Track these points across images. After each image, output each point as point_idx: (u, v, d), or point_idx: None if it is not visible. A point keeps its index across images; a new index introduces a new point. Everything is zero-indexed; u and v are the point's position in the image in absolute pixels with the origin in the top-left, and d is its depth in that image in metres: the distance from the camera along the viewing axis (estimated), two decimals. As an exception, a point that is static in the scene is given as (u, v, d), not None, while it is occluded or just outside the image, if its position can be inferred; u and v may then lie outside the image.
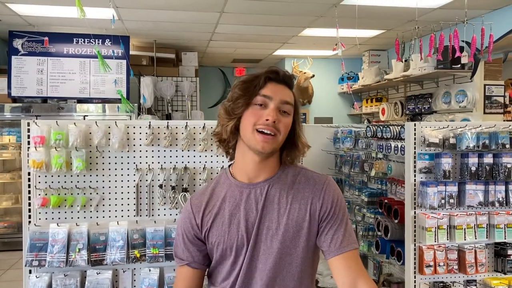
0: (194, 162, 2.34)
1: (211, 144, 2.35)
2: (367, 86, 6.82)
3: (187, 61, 6.74)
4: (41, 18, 5.30)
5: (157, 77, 6.36)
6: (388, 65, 6.81)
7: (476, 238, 2.73)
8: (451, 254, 2.74)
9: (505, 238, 2.74)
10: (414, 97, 5.92)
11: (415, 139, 2.78)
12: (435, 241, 2.69)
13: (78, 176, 2.23)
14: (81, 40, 5.78)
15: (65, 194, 2.21)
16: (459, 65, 4.89)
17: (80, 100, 5.84)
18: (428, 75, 5.35)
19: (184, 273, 1.42)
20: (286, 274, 1.35)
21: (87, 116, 5.69)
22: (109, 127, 2.23)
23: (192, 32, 6.05)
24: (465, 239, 2.72)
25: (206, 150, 2.34)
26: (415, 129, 2.78)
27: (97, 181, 2.25)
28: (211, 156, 2.35)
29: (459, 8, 4.31)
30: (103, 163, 2.26)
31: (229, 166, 1.47)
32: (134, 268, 2.29)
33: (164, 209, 2.31)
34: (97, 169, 2.25)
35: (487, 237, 2.76)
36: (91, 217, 2.25)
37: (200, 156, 2.34)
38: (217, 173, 2.35)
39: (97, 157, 2.25)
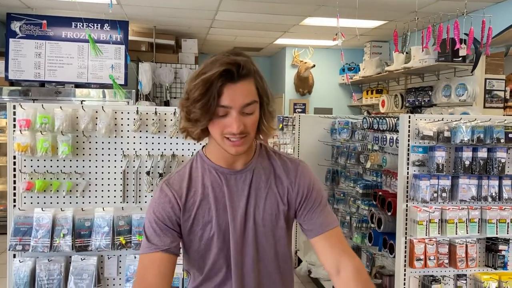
0: (183, 149, 2.31)
1: (200, 132, 2.31)
2: (368, 77, 6.76)
3: (187, 48, 6.69)
4: (40, 1, 5.25)
5: (156, 63, 6.31)
6: (390, 57, 6.74)
7: (467, 233, 2.70)
8: (442, 248, 2.71)
9: (496, 233, 2.71)
10: (414, 89, 5.85)
11: (409, 131, 2.74)
12: (426, 235, 2.66)
13: (64, 160, 2.20)
14: (80, 24, 5.73)
15: (51, 178, 2.19)
16: (460, 58, 4.82)
17: (78, 85, 5.81)
18: (429, 68, 5.29)
19: (158, 259, 1.31)
20: (269, 256, 1.37)
21: (85, 101, 5.66)
22: (96, 112, 2.20)
23: (192, 19, 5.99)
24: (456, 234, 2.69)
25: (195, 138, 2.30)
26: (409, 121, 2.74)
27: (83, 166, 2.23)
28: (200, 143, 2.31)
29: (461, 0, 4.23)
30: (89, 148, 2.23)
31: (202, 148, 1.42)
32: (120, 255, 2.27)
33: (151, 196, 2.28)
34: (83, 154, 2.22)
35: (478, 232, 2.73)
36: (76, 203, 2.23)
37: (188, 143, 2.31)
38: (206, 161, 2.32)
39: (83, 142, 2.22)
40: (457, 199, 2.71)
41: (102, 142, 2.24)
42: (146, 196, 2.28)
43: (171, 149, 2.29)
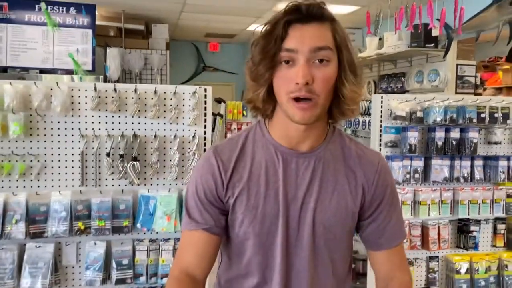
0: (145, 129, 2.18)
1: (164, 111, 2.19)
2: (342, 64, 6.72)
3: (158, 33, 6.49)
4: (-1, -18, 4.99)
5: (125, 49, 6.11)
6: (363, 44, 6.70)
7: (440, 214, 2.67)
8: (415, 230, 2.67)
9: (468, 214, 2.69)
10: (387, 76, 5.84)
11: (381, 112, 2.68)
12: (399, 217, 2.61)
13: (16, 141, 2.04)
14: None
15: (2, 161, 2.03)
16: (432, 44, 4.82)
17: (43, 71, 5.57)
18: (402, 54, 5.27)
19: (199, 238, 1.13)
20: (325, 261, 1.16)
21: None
22: (51, 89, 2.05)
23: (162, 3, 5.81)
24: (429, 215, 2.66)
25: (158, 117, 2.18)
26: (381, 101, 2.68)
27: (38, 148, 2.07)
28: (164, 123, 2.19)
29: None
30: (44, 128, 2.07)
31: (264, 120, 1.19)
32: (80, 241, 2.14)
33: (112, 179, 2.15)
34: (38, 135, 2.07)
35: (451, 213, 2.70)
36: (31, 186, 2.08)
37: (151, 123, 2.18)
38: (170, 141, 2.20)
39: (37, 122, 2.06)
40: (429, 180, 2.66)
41: (58, 122, 2.09)
42: (106, 179, 2.15)
43: (132, 129, 2.16)
